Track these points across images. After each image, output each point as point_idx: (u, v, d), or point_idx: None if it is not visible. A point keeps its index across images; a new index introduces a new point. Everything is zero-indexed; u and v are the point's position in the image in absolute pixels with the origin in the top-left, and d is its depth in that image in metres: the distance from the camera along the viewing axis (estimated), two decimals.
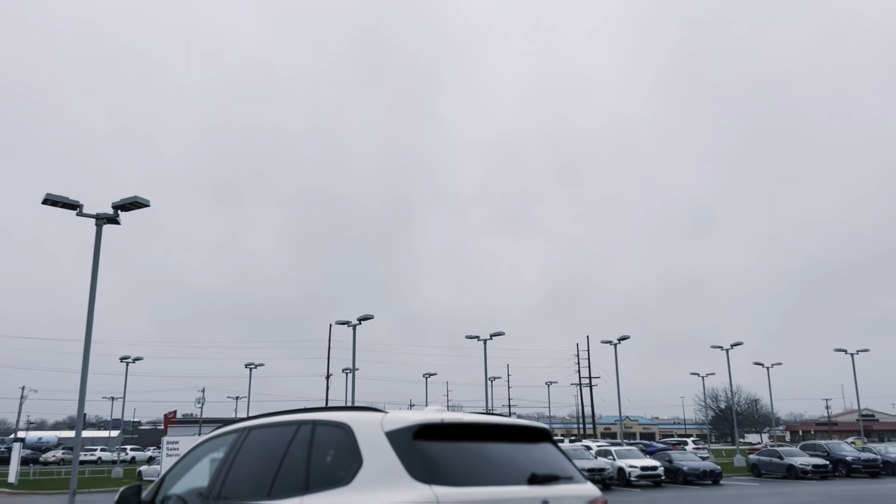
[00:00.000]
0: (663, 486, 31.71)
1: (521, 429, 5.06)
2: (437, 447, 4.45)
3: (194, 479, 5.91)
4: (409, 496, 4.10)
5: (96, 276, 15.90)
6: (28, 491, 33.94)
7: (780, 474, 36.00)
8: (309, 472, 4.73)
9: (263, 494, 4.89)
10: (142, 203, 15.61)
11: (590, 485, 5.01)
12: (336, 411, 5.09)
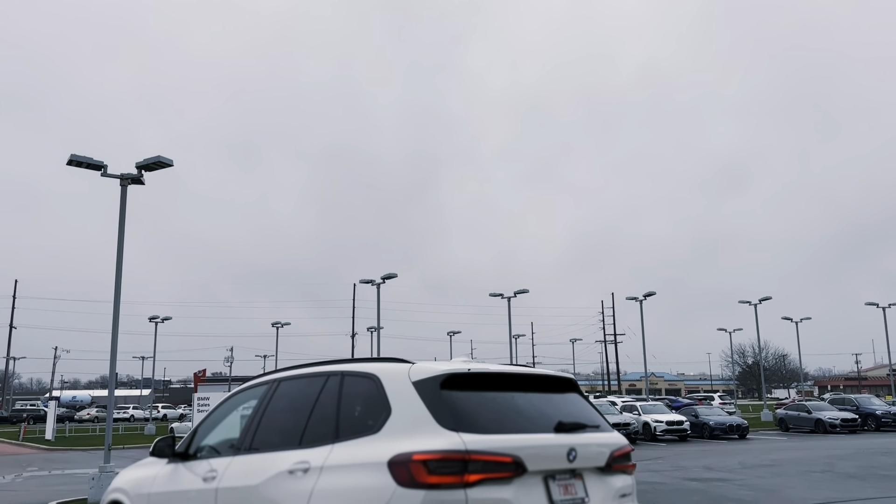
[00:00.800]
0: (689, 440, 31.77)
1: (548, 379, 5.02)
2: (463, 396, 4.43)
3: (226, 430, 5.95)
4: (438, 443, 4.07)
5: (123, 237, 15.99)
6: (64, 447, 34.86)
7: (808, 428, 35.91)
8: (338, 422, 4.73)
9: (294, 443, 4.90)
10: (165, 163, 15.61)
11: (616, 433, 4.96)
12: (364, 362, 5.08)
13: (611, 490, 4.71)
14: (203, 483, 5.46)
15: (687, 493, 13.84)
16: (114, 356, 15.50)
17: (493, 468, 4.10)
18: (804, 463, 19.87)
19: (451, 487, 3.98)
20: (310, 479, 4.53)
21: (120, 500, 6.42)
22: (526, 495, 4.20)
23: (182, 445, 6.04)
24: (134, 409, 73.13)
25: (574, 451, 4.47)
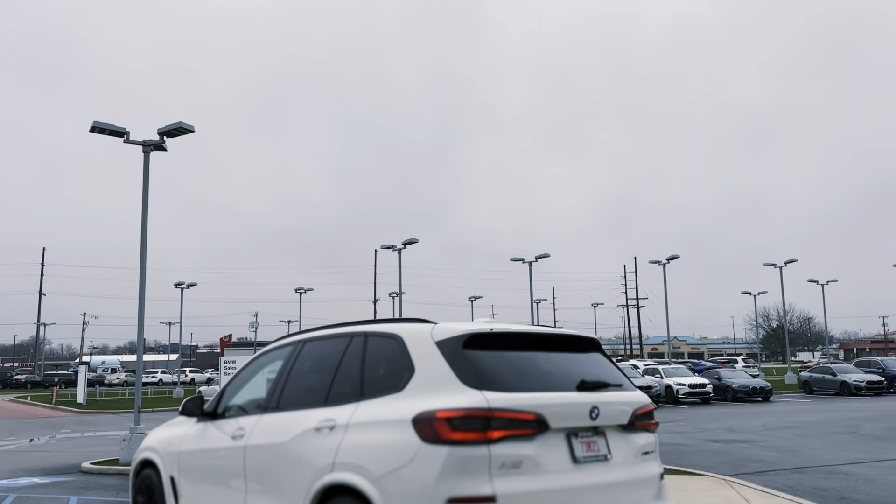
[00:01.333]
0: (712, 403, 31.78)
1: (570, 338, 5.03)
2: (486, 356, 4.46)
3: (253, 390, 6.07)
4: (461, 401, 4.12)
5: (147, 203, 16.14)
6: (95, 410, 35.67)
7: (833, 391, 35.76)
8: (363, 381, 4.79)
9: (320, 402, 4.98)
10: (186, 129, 15.67)
11: (639, 392, 4.99)
12: (387, 323, 5.12)
13: (633, 447, 4.74)
14: (232, 441, 5.57)
15: (709, 454, 13.89)
16: (141, 321, 15.75)
17: (516, 425, 4.15)
18: (828, 425, 19.82)
19: (474, 444, 4.03)
20: (336, 436, 4.61)
21: (151, 459, 6.58)
22: (549, 452, 4.25)
23: (210, 405, 6.16)
24: (162, 373, 74.46)
25: (596, 408, 4.50)
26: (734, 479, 10.54)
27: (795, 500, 8.73)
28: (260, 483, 5.20)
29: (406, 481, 4.09)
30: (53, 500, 10.37)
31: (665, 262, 47.16)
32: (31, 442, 20.57)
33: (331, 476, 4.49)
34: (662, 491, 4.88)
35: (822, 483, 10.37)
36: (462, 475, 3.99)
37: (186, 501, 6.00)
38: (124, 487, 11.37)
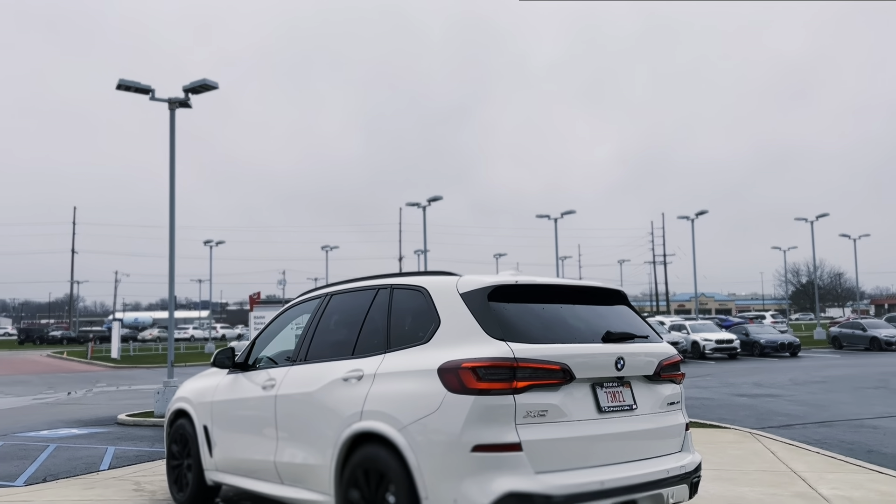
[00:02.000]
0: (739, 358, 31.69)
1: (596, 290, 5.03)
2: (511, 307, 4.48)
3: (282, 342, 6.17)
4: (486, 351, 4.15)
5: (174, 161, 16.26)
6: (129, 365, 36.51)
7: (863, 346, 35.46)
8: (389, 333, 4.84)
9: (347, 354, 5.05)
10: (210, 86, 15.69)
11: (665, 343, 4.98)
12: (412, 276, 5.15)
13: (659, 398, 4.75)
14: (262, 391, 5.69)
15: (735, 408, 13.90)
16: (172, 275, 15.98)
17: (542, 375, 4.17)
18: (857, 379, 19.70)
19: (499, 393, 4.07)
20: (363, 386, 4.68)
21: (185, 409, 6.74)
22: (573, 401, 4.28)
23: (241, 357, 6.28)
24: (194, 329, 75.87)
25: (622, 359, 4.51)
26: (760, 432, 10.55)
27: (822, 453, 8.73)
28: (290, 431, 5.32)
29: (432, 429, 4.15)
30: (91, 449, 10.69)
31: (693, 218, 46.69)
32: (68, 395, 21.14)
33: (359, 424, 4.58)
34: (687, 441, 4.90)
35: (849, 436, 10.35)
36: (487, 423, 4.03)
37: (220, 450, 6.16)
38: (159, 438, 11.68)
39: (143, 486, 7.64)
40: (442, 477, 4.07)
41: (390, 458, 4.33)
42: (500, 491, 3.91)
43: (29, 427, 13.53)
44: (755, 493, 6.70)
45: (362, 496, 4.55)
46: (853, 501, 6.32)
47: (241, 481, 5.92)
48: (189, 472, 6.55)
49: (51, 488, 7.80)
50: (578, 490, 4.04)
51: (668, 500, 4.49)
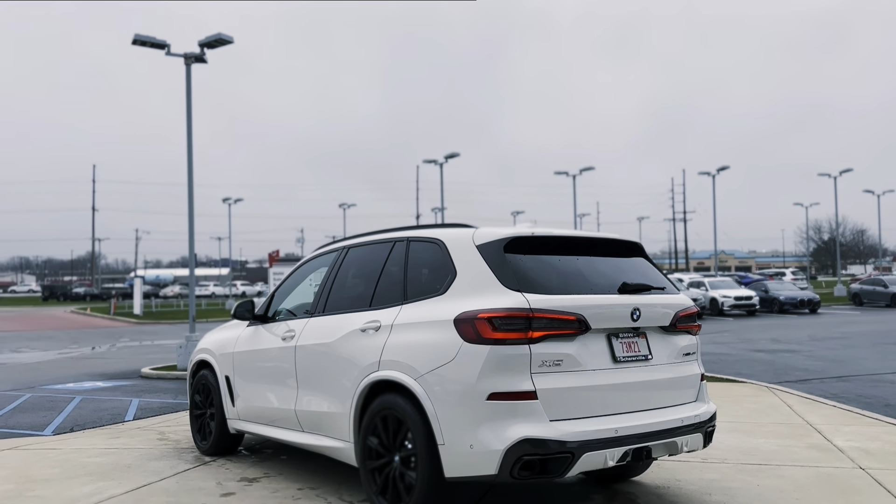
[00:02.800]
0: (758, 315, 31.61)
1: (613, 242, 5.02)
2: (527, 259, 4.48)
3: (300, 295, 6.24)
4: (503, 302, 4.17)
5: (191, 117, 16.27)
6: (152, 321, 37.05)
7: (884, 303, 35.21)
8: (406, 285, 4.88)
9: (365, 305, 5.10)
10: (225, 40, 15.62)
11: (682, 295, 4.97)
12: (429, 228, 5.16)
13: (675, 349, 4.77)
14: (282, 342, 5.77)
15: (752, 363, 13.91)
16: (191, 230, 16.10)
17: (557, 326, 4.19)
18: (877, 336, 19.62)
19: (515, 343, 4.10)
20: (381, 337, 4.73)
21: (207, 360, 6.86)
22: (589, 352, 4.30)
23: (261, 309, 6.36)
24: (214, 286, 76.65)
25: (638, 310, 4.51)
26: (777, 386, 10.57)
27: (839, 407, 8.75)
28: (310, 381, 5.40)
29: (449, 378, 4.20)
30: (116, 401, 10.92)
31: (715, 174, 46.19)
32: (92, 350, 21.54)
33: (377, 374, 4.64)
34: (702, 391, 4.92)
35: (868, 391, 10.35)
36: (503, 372, 4.07)
37: (242, 400, 6.28)
38: (182, 391, 11.91)
39: (167, 436, 7.81)
40: (458, 424, 4.13)
41: (408, 406, 4.40)
42: (515, 437, 3.96)
43: (55, 380, 13.83)
44: (770, 444, 6.74)
45: (380, 442, 4.64)
46: (869, 453, 6.34)
47: (262, 429, 6.04)
48: (212, 422, 6.69)
49: (78, 437, 8.00)
50: (592, 437, 4.08)
51: (682, 448, 4.53)
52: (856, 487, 5.30)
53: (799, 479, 5.52)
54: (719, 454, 6.33)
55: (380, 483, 4.65)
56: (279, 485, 5.64)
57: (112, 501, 5.26)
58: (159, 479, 5.90)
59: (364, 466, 4.76)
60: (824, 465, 5.93)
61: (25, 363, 17.70)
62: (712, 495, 5.14)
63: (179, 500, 5.24)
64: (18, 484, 5.83)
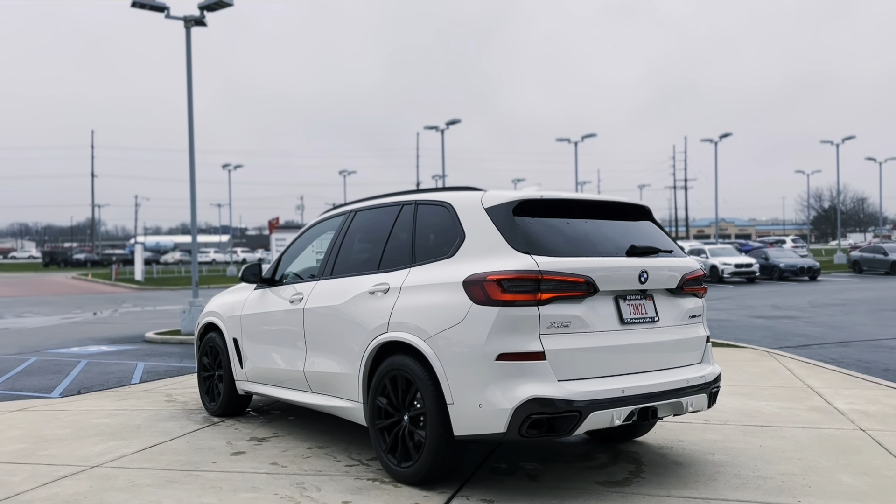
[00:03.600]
0: (757, 282, 31.72)
1: (621, 206, 5.04)
2: (536, 222, 4.50)
3: (307, 258, 6.27)
4: (512, 264, 4.19)
5: (191, 81, 16.17)
6: (154, 286, 37.19)
7: (883, 270, 35.32)
8: (414, 248, 4.90)
9: (373, 268, 5.14)
10: (226, 3, 15.48)
11: (689, 258, 5.01)
12: (436, 191, 5.17)
13: (681, 311, 4.81)
14: (290, 305, 5.81)
15: (753, 329, 14.01)
16: (193, 194, 16.09)
17: (566, 287, 4.23)
18: (876, 302, 19.72)
19: (524, 304, 4.13)
20: (389, 299, 4.77)
21: (214, 323, 6.91)
22: (596, 313, 4.34)
23: (268, 273, 6.39)
24: (215, 252, 76.75)
25: (646, 273, 4.54)
26: (777, 351, 10.66)
27: (838, 371, 8.83)
28: (319, 343, 5.45)
29: (458, 339, 4.24)
30: (122, 364, 11.02)
31: (717, 141, 46.02)
32: (94, 315, 21.64)
33: (386, 335, 4.69)
34: (708, 353, 4.98)
35: (867, 356, 10.44)
36: (512, 333, 4.12)
37: (250, 362, 6.34)
38: (186, 355, 12.00)
39: (174, 398, 7.90)
40: (468, 384, 4.18)
41: (417, 367, 4.45)
42: (523, 396, 4.02)
43: (59, 344, 13.92)
44: (772, 407, 6.83)
45: (389, 402, 4.70)
46: (869, 415, 6.42)
47: (271, 390, 6.11)
48: (220, 383, 6.76)
49: (86, 399, 8.09)
50: (599, 396, 4.14)
51: (688, 408, 4.60)
52: (856, 448, 5.38)
53: (800, 440, 5.60)
54: (721, 416, 6.41)
55: (389, 442, 4.72)
56: (288, 444, 5.72)
57: (124, 460, 5.34)
58: (169, 438, 5.98)
59: (373, 426, 4.83)
60: (825, 427, 6.02)
61: (29, 328, 17.81)
62: (715, 455, 5.23)
63: (191, 459, 5.33)
64: (30, 443, 5.91)
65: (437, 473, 4.47)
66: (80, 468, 5.13)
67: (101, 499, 4.45)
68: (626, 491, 4.45)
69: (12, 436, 6.22)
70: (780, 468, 4.87)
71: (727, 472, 4.81)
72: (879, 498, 4.28)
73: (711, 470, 4.86)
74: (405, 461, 4.59)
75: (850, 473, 4.74)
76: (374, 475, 4.83)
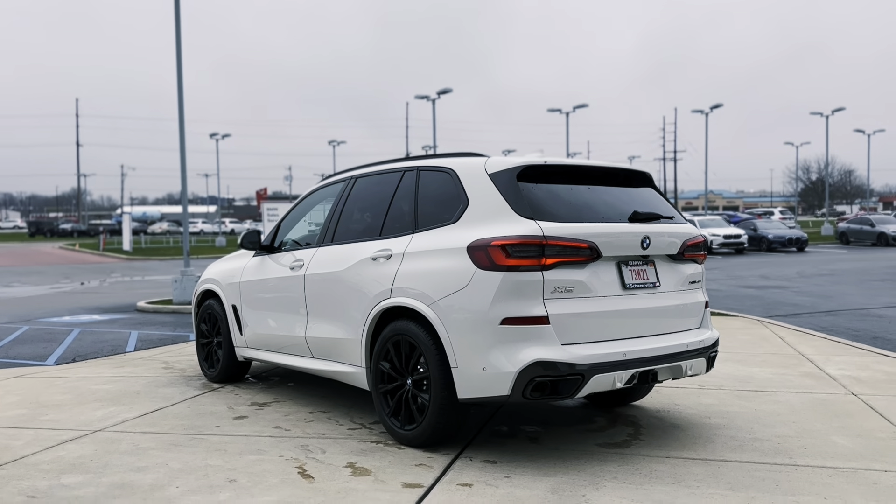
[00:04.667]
0: (746, 253, 31.93)
1: (623, 172, 5.06)
2: (539, 188, 4.52)
3: (307, 226, 6.27)
4: (516, 229, 4.22)
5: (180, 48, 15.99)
6: (142, 257, 37.01)
7: (870, 242, 35.62)
8: (417, 214, 4.91)
9: (375, 235, 5.14)
10: None
11: (689, 225, 5.04)
12: (438, 157, 5.16)
13: (681, 276, 4.86)
14: (290, 271, 5.82)
15: (742, 299, 14.14)
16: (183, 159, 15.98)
17: (569, 253, 4.26)
18: (864, 273, 19.92)
19: (528, 269, 4.16)
20: (393, 264, 4.79)
21: (213, 290, 6.91)
22: (599, 278, 4.38)
23: (267, 239, 6.38)
24: (203, 223, 76.36)
25: (647, 238, 4.58)
26: (768, 319, 10.78)
27: (829, 338, 8.95)
28: (320, 309, 5.47)
29: (462, 304, 4.27)
30: (115, 333, 11.01)
31: (708, 112, 45.98)
32: (83, 285, 21.54)
33: (389, 301, 4.71)
34: (706, 318, 5.04)
35: (855, 324, 10.58)
36: (516, 298, 4.15)
37: (250, 328, 6.36)
38: (179, 323, 12.00)
39: (171, 365, 7.92)
40: (472, 348, 4.22)
41: (420, 332, 4.48)
42: (527, 360, 4.06)
43: (51, 313, 13.88)
44: (765, 372, 6.93)
45: (392, 366, 4.75)
46: (860, 380, 6.53)
47: (272, 356, 6.14)
48: (219, 350, 6.78)
49: (82, 367, 8.09)
50: (601, 360, 4.19)
51: (687, 371, 4.66)
52: (849, 411, 5.48)
53: (794, 404, 5.70)
54: (716, 381, 6.50)
55: (392, 405, 4.77)
56: (290, 409, 5.77)
57: (126, 424, 5.37)
58: (170, 404, 6.01)
59: (376, 390, 4.88)
60: (818, 392, 6.12)
61: (18, 297, 17.72)
62: (711, 418, 5.31)
63: (193, 424, 5.36)
64: (30, 409, 5.93)
65: (441, 436, 4.52)
66: (83, 433, 5.16)
67: (106, 462, 4.48)
68: (625, 452, 4.53)
69: (11, 401, 6.23)
70: (776, 431, 4.96)
71: (724, 434, 4.90)
72: (873, 458, 4.37)
73: (708, 432, 4.94)
74: (408, 424, 4.64)
75: (843, 435, 4.84)
76: (377, 438, 4.89)
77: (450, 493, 3.84)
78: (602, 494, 3.79)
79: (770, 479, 4.00)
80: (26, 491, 3.98)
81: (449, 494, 3.83)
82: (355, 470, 4.26)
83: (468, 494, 3.82)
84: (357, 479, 4.09)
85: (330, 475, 4.16)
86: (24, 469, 4.36)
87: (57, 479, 4.16)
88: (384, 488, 3.94)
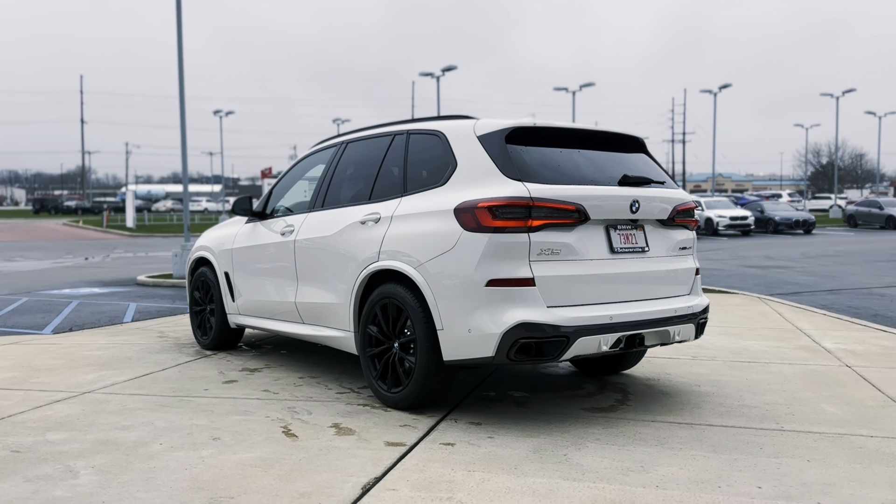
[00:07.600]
0: (752, 235, 31.79)
1: (615, 136, 5.00)
2: (528, 150, 4.47)
3: (298, 191, 6.23)
4: (503, 191, 4.17)
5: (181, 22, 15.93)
6: (145, 233, 37.11)
7: (878, 224, 35.43)
8: (406, 177, 4.87)
9: (364, 199, 5.11)
10: None
11: (681, 190, 4.99)
12: (428, 121, 5.12)
13: (671, 242, 4.81)
14: (281, 237, 5.79)
15: (745, 278, 14.07)
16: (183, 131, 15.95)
17: (557, 215, 4.21)
18: (869, 254, 19.81)
19: (514, 231, 4.12)
20: (380, 228, 4.75)
21: (205, 257, 6.90)
22: (586, 242, 4.34)
23: (259, 206, 6.36)
24: (207, 202, 76.40)
25: (637, 202, 4.53)
26: (769, 297, 10.73)
27: (828, 315, 8.90)
28: (310, 274, 5.45)
29: (449, 266, 4.24)
30: (114, 305, 11.03)
31: (717, 92, 45.60)
32: (86, 260, 21.60)
33: (377, 264, 4.68)
34: (696, 285, 5.00)
35: (857, 303, 10.52)
36: (502, 260, 4.11)
37: (242, 295, 6.34)
38: (178, 297, 12.02)
39: (166, 334, 7.93)
40: (458, 309, 4.19)
41: (407, 295, 4.46)
42: (512, 321, 4.03)
43: (51, 286, 13.91)
44: (760, 345, 6.89)
45: (380, 330, 4.73)
46: (855, 354, 6.49)
47: (264, 323, 6.13)
48: (212, 317, 6.78)
49: (77, 335, 8.11)
50: (587, 323, 4.16)
51: (675, 337, 4.63)
52: (841, 381, 5.44)
53: (786, 374, 5.67)
54: (709, 353, 6.47)
55: (380, 368, 4.75)
56: (280, 374, 5.77)
57: (116, 387, 5.38)
58: (161, 369, 6.02)
59: (364, 354, 4.86)
60: (812, 363, 6.08)
61: (20, 271, 17.79)
62: (701, 386, 5.29)
63: (182, 387, 5.37)
64: (23, 372, 5.94)
65: (427, 398, 4.51)
66: (72, 394, 5.17)
67: (92, 420, 4.49)
68: (610, 416, 4.51)
69: (4, 365, 6.25)
70: (765, 398, 4.93)
71: (712, 401, 4.87)
72: (860, 425, 4.34)
73: (697, 399, 4.92)
74: (395, 387, 4.63)
75: (833, 404, 4.81)
76: (364, 401, 4.89)
77: (431, 451, 3.83)
78: (584, 454, 3.78)
79: (754, 443, 3.98)
80: (11, 446, 3.99)
81: (430, 452, 3.82)
82: (340, 430, 4.25)
83: (449, 453, 3.81)
84: (340, 438, 4.09)
85: (314, 434, 4.16)
86: (11, 426, 4.38)
87: (42, 436, 4.17)
88: (366, 446, 3.93)
